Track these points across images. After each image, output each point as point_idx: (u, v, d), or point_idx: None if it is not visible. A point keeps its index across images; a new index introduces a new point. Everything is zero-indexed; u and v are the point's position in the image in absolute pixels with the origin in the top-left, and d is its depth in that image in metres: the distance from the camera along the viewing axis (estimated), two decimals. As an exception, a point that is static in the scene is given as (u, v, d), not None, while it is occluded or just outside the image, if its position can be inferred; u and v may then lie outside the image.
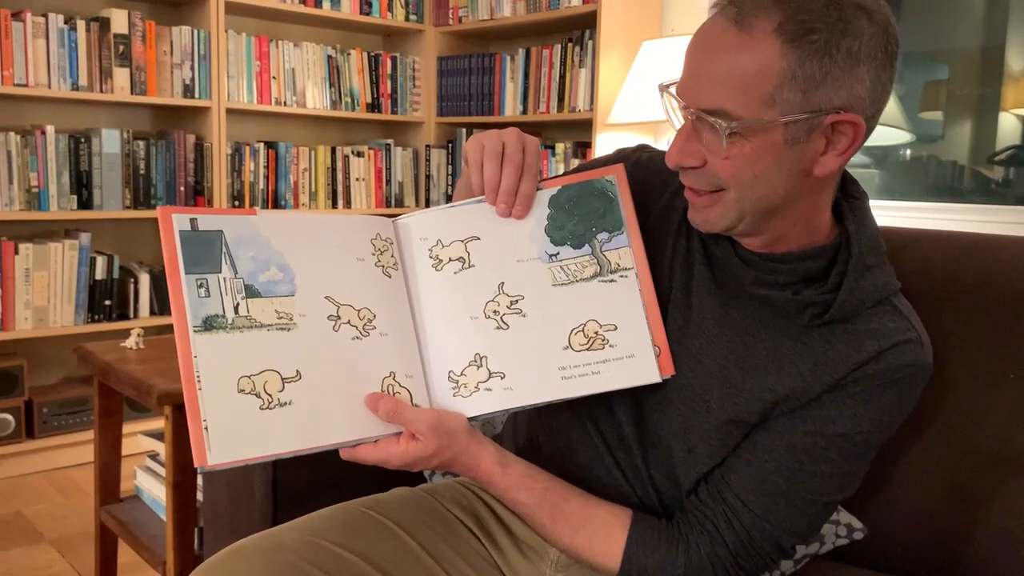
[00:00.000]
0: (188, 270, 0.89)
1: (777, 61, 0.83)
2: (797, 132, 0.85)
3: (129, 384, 1.80)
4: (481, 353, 0.97)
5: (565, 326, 0.99)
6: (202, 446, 0.84)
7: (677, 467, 1.01)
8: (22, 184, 2.86)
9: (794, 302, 0.94)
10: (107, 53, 2.98)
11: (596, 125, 3.17)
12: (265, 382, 0.89)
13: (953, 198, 2.87)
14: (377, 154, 3.80)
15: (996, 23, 2.78)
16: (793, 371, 0.94)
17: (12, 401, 2.89)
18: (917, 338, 0.94)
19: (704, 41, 0.87)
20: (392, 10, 3.72)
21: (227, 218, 0.93)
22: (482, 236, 1.01)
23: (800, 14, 0.82)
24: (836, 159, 0.88)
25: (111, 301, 3.07)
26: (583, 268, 1.01)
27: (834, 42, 0.82)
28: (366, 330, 0.95)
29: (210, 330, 0.88)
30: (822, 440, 0.94)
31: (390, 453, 0.91)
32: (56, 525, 2.54)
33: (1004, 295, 1.14)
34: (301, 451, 0.89)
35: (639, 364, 0.98)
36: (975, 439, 1.14)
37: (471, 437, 0.96)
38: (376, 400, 0.91)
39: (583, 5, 3.21)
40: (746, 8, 0.84)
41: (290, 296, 0.93)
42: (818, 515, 0.97)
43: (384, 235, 1.01)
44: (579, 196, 1.03)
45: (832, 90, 0.84)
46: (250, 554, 0.94)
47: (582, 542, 0.99)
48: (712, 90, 0.86)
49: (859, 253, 0.93)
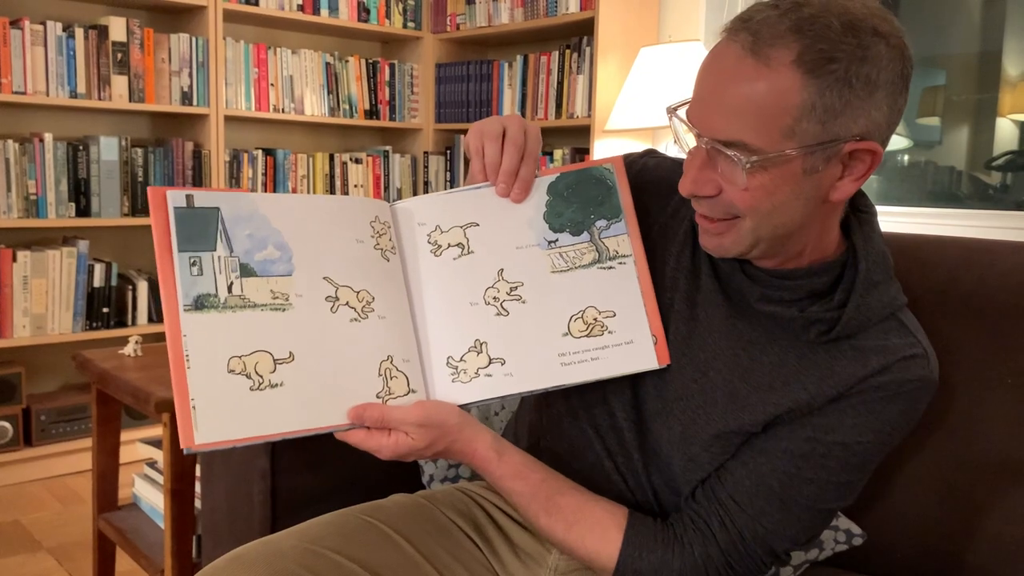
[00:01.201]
0: (182, 247, 0.88)
1: (797, 93, 0.81)
2: (816, 162, 0.84)
3: (127, 392, 1.80)
4: (481, 339, 0.97)
5: (564, 312, 0.99)
6: (189, 426, 0.83)
7: (678, 475, 1.00)
8: (20, 191, 2.86)
9: (800, 319, 0.93)
10: (105, 61, 2.99)
11: (594, 131, 3.17)
12: (256, 363, 0.87)
13: (951, 203, 2.87)
14: (375, 161, 3.80)
15: (993, 29, 2.79)
16: (798, 387, 0.94)
17: (10, 409, 2.88)
18: (923, 353, 0.94)
19: (719, 69, 0.85)
20: (390, 17, 3.73)
21: (225, 195, 0.91)
22: (481, 223, 1.01)
23: (819, 43, 0.80)
24: (852, 184, 0.87)
25: (109, 308, 3.07)
26: (582, 255, 1.01)
27: (853, 71, 0.81)
28: (364, 312, 0.94)
29: (201, 309, 0.87)
30: (821, 447, 0.94)
31: (381, 444, 0.92)
32: (54, 533, 2.53)
33: (1002, 301, 1.14)
34: (291, 434, 0.88)
35: (637, 350, 0.98)
36: (974, 445, 1.14)
37: (465, 425, 0.96)
38: (361, 413, 0.91)
39: (581, 12, 3.22)
40: (763, 36, 0.82)
41: (287, 276, 0.92)
42: (813, 522, 0.97)
43: (383, 218, 1.00)
44: (577, 183, 1.03)
45: (851, 119, 0.82)
46: (249, 561, 0.94)
47: (576, 538, 0.98)
48: (729, 121, 0.84)
49: (866, 270, 0.92)
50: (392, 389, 0.94)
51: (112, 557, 2.12)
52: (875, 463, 0.97)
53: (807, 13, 0.81)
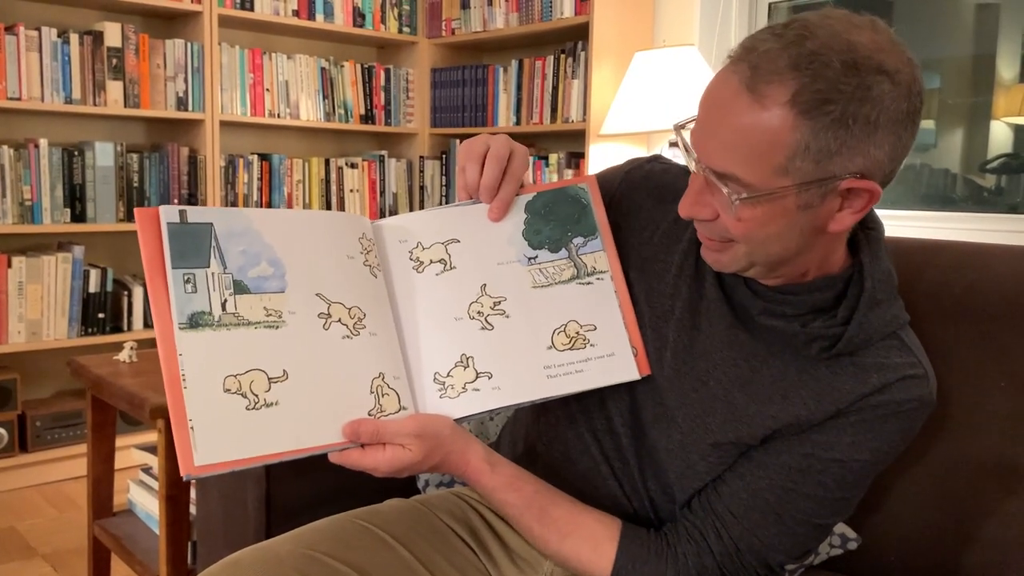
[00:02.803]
0: (175, 264, 0.87)
1: (789, 133, 0.79)
2: (810, 198, 0.83)
3: (122, 397, 1.80)
4: (468, 353, 0.97)
5: (547, 326, 1.00)
6: (188, 449, 0.82)
7: (674, 481, 1.00)
8: (15, 197, 2.86)
9: (802, 334, 0.93)
10: (100, 66, 2.98)
11: (589, 136, 3.17)
12: (251, 382, 0.86)
13: (946, 206, 2.88)
14: (371, 165, 3.80)
15: (987, 32, 2.79)
16: (797, 401, 0.94)
17: (5, 415, 2.87)
18: (924, 374, 0.94)
19: (716, 100, 0.84)
20: (385, 22, 3.73)
21: (218, 211, 0.91)
22: (462, 239, 1.02)
23: (816, 83, 0.78)
24: (852, 217, 0.86)
25: (104, 314, 3.07)
26: (561, 271, 1.03)
27: (851, 112, 0.79)
28: (356, 329, 0.93)
29: (196, 327, 0.86)
30: (818, 464, 0.94)
31: (377, 460, 0.90)
32: (49, 540, 2.53)
33: (995, 304, 1.14)
34: (288, 454, 0.86)
35: (619, 362, 1.00)
36: (967, 448, 1.14)
37: (458, 437, 0.96)
38: (356, 429, 0.89)
39: (575, 16, 3.23)
40: (761, 71, 0.80)
41: (280, 292, 0.91)
42: (808, 536, 0.97)
43: (368, 235, 1.00)
44: (554, 202, 1.05)
45: (848, 158, 0.81)
46: (245, 567, 0.94)
47: (569, 550, 0.98)
48: (723, 154, 0.83)
49: (872, 288, 0.92)
50: (384, 407, 0.93)
51: (107, 563, 2.12)
52: (871, 479, 0.97)
53: (808, 48, 0.79)
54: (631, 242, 1.06)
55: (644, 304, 1.03)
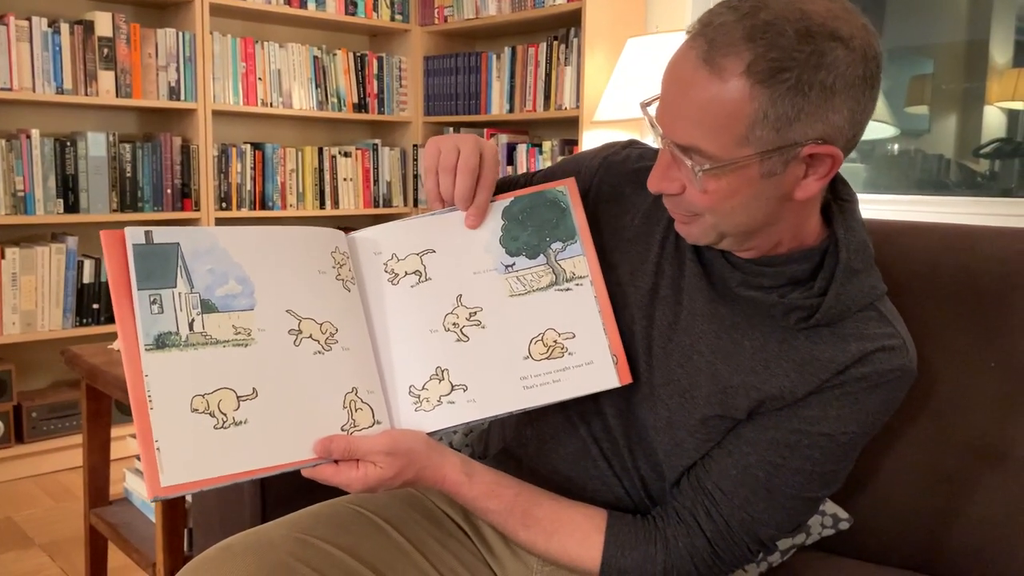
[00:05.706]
0: (141, 285, 0.87)
1: (748, 103, 0.81)
2: (773, 166, 0.85)
3: (117, 387, 1.80)
4: (442, 366, 0.97)
5: (524, 336, 0.99)
6: (155, 470, 0.82)
7: (663, 459, 1.01)
8: (7, 188, 2.85)
9: (780, 305, 0.94)
10: (92, 56, 2.97)
11: (582, 122, 3.17)
12: (219, 400, 0.86)
13: (939, 191, 2.88)
14: (364, 154, 3.79)
15: (980, 17, 2.79)
16: (779, 371, 0.95)
17: (1, 406, 2.87)
18: (902, 344, 0.94)
19: (676, 75, 0.86)
20: (377, 10, 3.72)
21: (185, 230, 0.90)
22: (437, 249, 1.01)
23: (771, 52, 0.80)
24: (817, 183, 0.87)
25: (99, 304, 3.07)
26: (539, 278, 1.01)
27: (806, 79, 0.80)
28: (328, 344, 0.93)
29: (162, 348, 0.86)
30: (806, 439, 0.94)
31: (350, 478, 0.90)
32: (46, 529, 2.53)
33: (985, 285, 1.15)
34: (258, 471, 0.86)
35: (598, 370, 0.99)
36: (958, 428, 1.15)
37: (432, 451, 0.95)
38: (327, 445, 0.89)
39: (568, 3, 3.22)
40: (717, 45, 0.82)
41: (249, 310, 0.90)
42: (799, 510, 0.98)
43: (342, 248, 0.99)
44: (532, 207, 1.03)
45: (807, 124, 0.82)
46: (239, 551, 0.94)
47: (557, 547, 0.99)
48: (685, 128, 0.85)
49: (847, 258, 0.93)
50: (357, 421, 0.92)
51: (104, 552, 2.12)
52: (858, 451, 0.98)
53: (762, 19, 0.81)
54: (614, 226, 1.07)
55: (630, 285, 1.03)
